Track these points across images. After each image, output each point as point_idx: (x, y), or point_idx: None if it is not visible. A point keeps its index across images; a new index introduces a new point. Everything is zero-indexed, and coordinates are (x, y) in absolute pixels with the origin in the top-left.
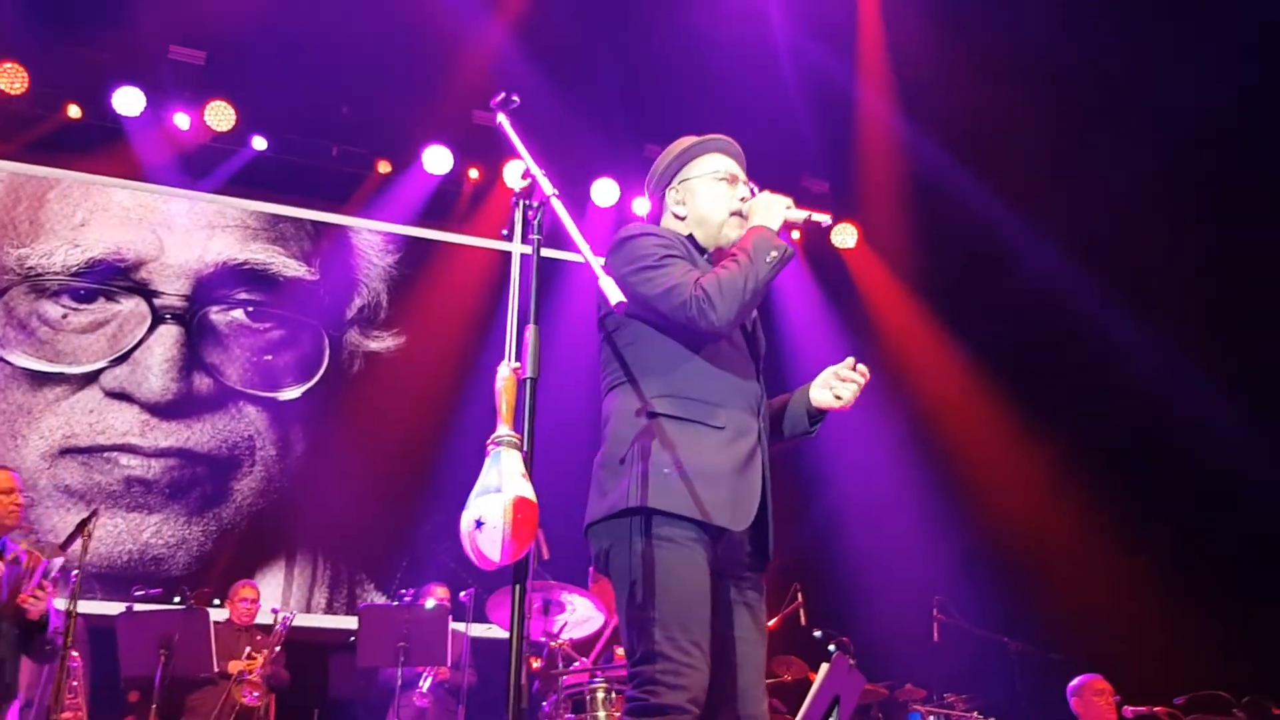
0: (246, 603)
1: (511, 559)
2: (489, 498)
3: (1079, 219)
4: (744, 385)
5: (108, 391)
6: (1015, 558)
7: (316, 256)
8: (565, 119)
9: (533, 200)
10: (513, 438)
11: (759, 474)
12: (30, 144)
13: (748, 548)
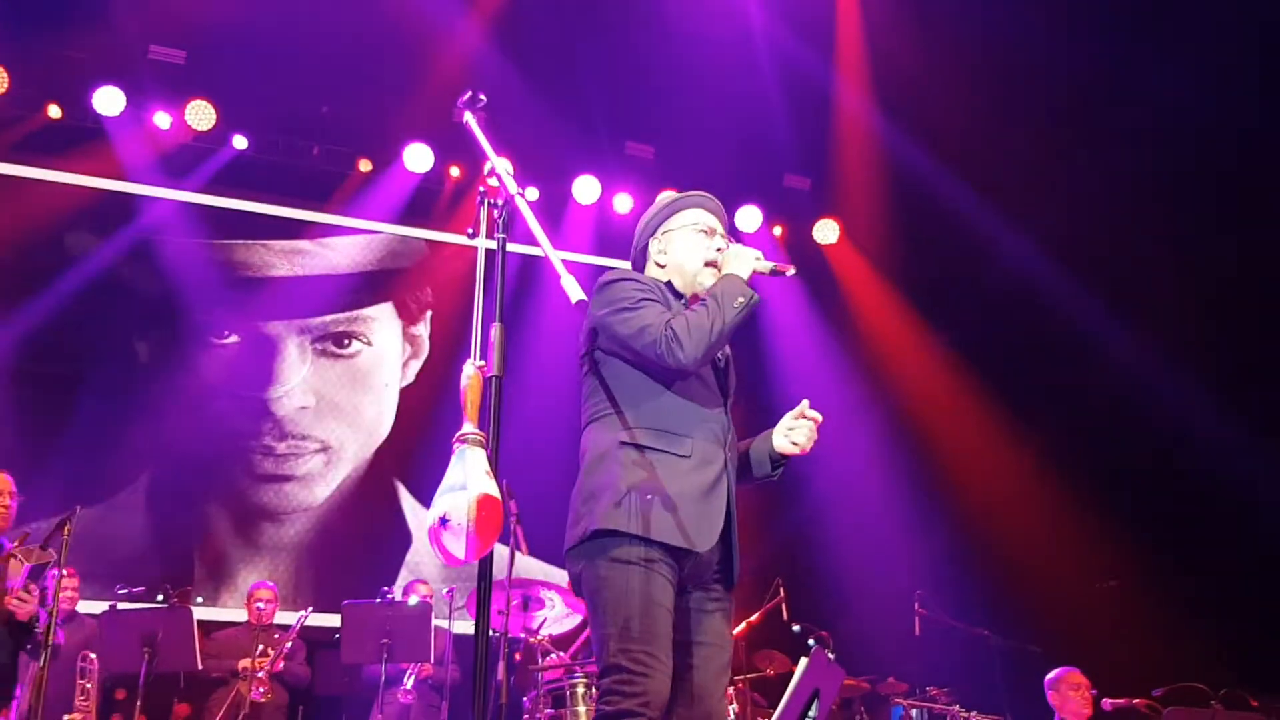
0: (262, 603)
1: (476, 556)
2: (453, 495)
3: (1056, 214)
4: (711, 416)
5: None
6: (995, 552)
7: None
8: (545, 117)
9: (497, 199)
10: (477, 435)
11: (723, 499)
12: (12, 144)
13: (715, 565)
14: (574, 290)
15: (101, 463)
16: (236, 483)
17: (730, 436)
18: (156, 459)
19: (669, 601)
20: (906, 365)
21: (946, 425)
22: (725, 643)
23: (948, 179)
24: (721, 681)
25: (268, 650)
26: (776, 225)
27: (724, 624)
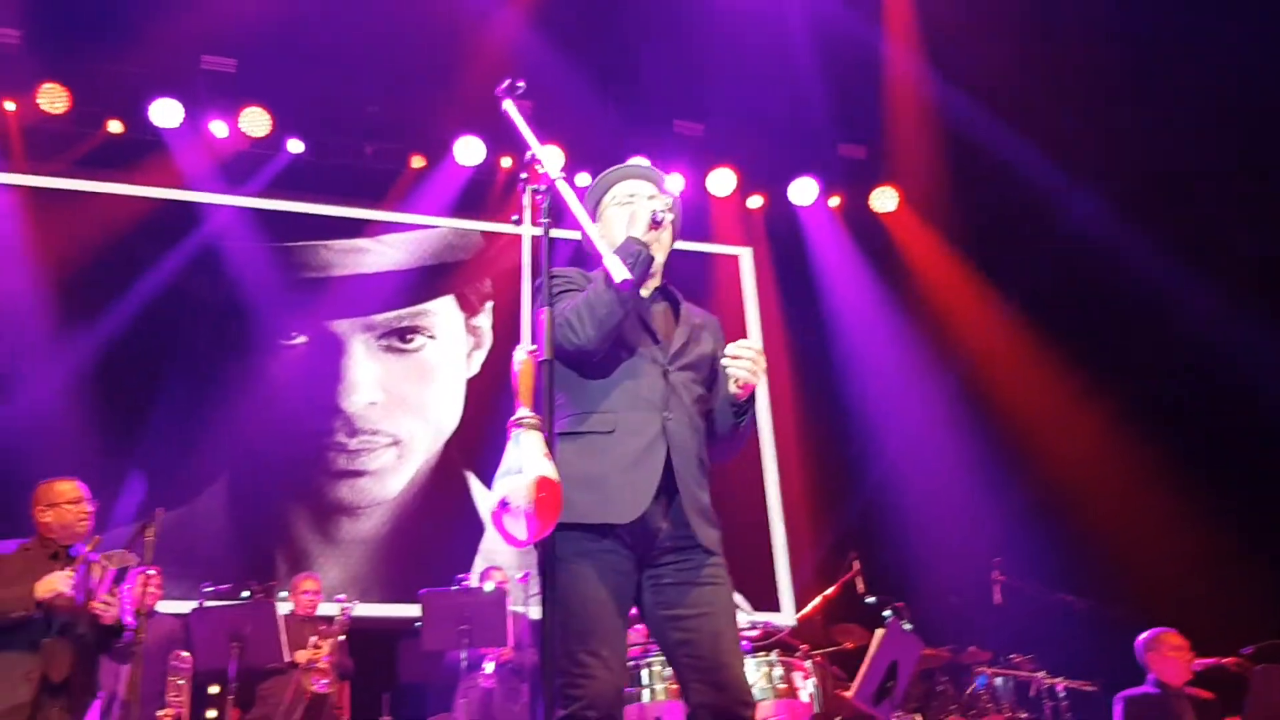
0: (309, 594)
1: (537, 537)
2: (512, 478)
3: (1123, 168)
4: (643, 384)
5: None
6: (1073, 514)
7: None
8: (592, 101)
9: (540, 185)
10: (533, 419)
11: (656, 465)
12: (77, 160)
13: (673, 532)
14: (618, 270)
15: (182, 467)
16: (313, 480)
17: (675, 398)
18: (235, 460)
19: (608, 590)
20: (974, 329)
21: (1018, 387)
22: (716, 608)
23: (1007, 137)
24: (725, 646)
25: (319, 642)
26: (833, 196)
27: (713, 590)
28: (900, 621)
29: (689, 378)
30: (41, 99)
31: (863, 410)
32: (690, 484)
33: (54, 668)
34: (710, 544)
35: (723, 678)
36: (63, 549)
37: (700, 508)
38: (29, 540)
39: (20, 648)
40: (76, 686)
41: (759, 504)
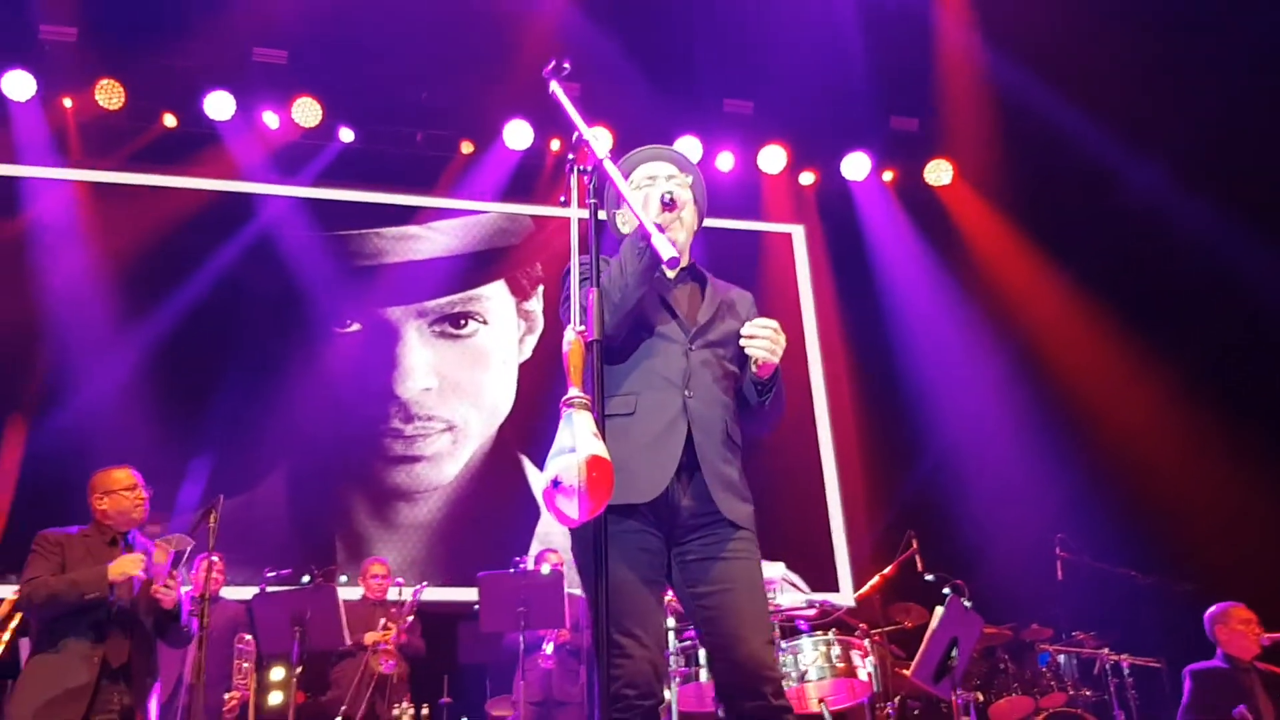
0: (377, 579)
1: (589, 515)
2: (563, 458)
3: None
4: (665, 364)
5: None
6: (1136, 489)
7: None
8: (640, 82)
9: (586, 165)
10: (583, 399)
11: (676, 443)
12: (133, 155)
13: (695, 509)
14: (665, 248)
15: (243, 454)
16: (370, 466)
17: (698, 377)
18: (293, 447)
19: (637, 569)
20: (1032, 303)
21: (1077, 361)
22: (742, 584)
23: (1062, 105)
24: (749, 621)
25: (388, 624)
26: (886, 171)
27: (737, 564)
28: (960, 599)
29: (715, 355)
30: (98, 95)
31: (919, 387)
32: (714, 460)
33: (114, 651)
34: (737, 518)
35: (741, 653)
36: (120, 535)
37: (726, 482)
38: (86, 527)
39: (81, 632)
40: (136, 670)
41: (816, 484)
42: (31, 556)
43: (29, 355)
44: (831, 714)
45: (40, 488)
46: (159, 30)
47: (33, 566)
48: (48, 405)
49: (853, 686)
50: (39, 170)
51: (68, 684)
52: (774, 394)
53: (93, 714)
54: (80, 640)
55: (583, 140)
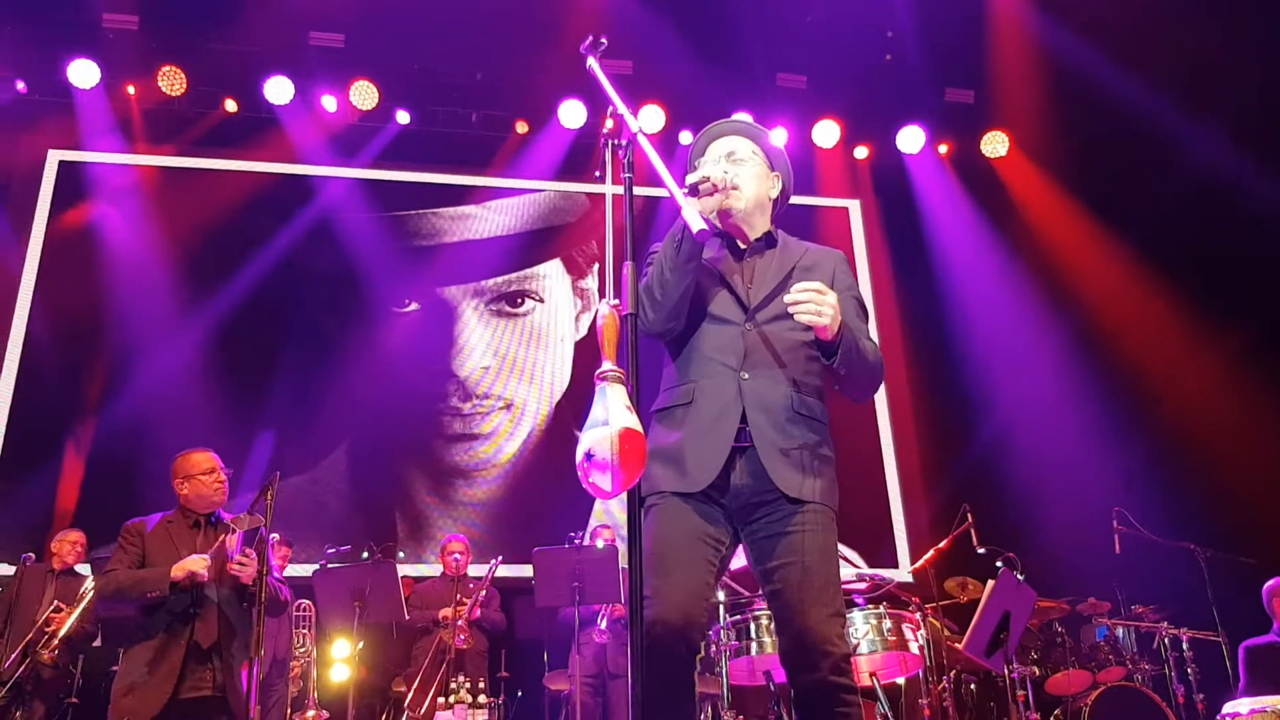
0: (455, 556)
1: (622, 488)
2: (596, 430)
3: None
4: (720, 347)
5: None
6: (1196, 462)
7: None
8: (693, 60)
9: (620, 140)
10: (617, 372)
11: (729, 429)
12: (196, 140)
13: (754, 487)
14: (695, 220)
15: (304, 433)
16: (429, 444)
17: (757, 355)
18: (354, 426)
19: (678, 522)
20: (1090, 275)
21: (1137, 333)
22: (800, 557)
23: (1120, 73)
24: (810, 595)
25: (464, 600)
26: (942, 144)
27: (801, 537)
28: (1012, 572)
29: (778, 328)
30: (161, 81)
31: (976, 360)
32: (773, 437)
33: (203, 632)
34: (801, 493)
35: (800, 625)
36: (203, 517)
37: (788, 459)
38: (171, 512)
39: (171, 614)
40: (226, 649)
41: (874, 458)
42: (115, 548)
43: (97, 338)
44: (883, 687)
45: (110, 467)
46: (218, 16)
47: (113, 558)
48: (116, 387)
49: (904, 660)
50: (104, 156)
51: (158, 665)
52: (842, 355)
53: (181, 693)
54: (170, 623)
55: (618, 115)
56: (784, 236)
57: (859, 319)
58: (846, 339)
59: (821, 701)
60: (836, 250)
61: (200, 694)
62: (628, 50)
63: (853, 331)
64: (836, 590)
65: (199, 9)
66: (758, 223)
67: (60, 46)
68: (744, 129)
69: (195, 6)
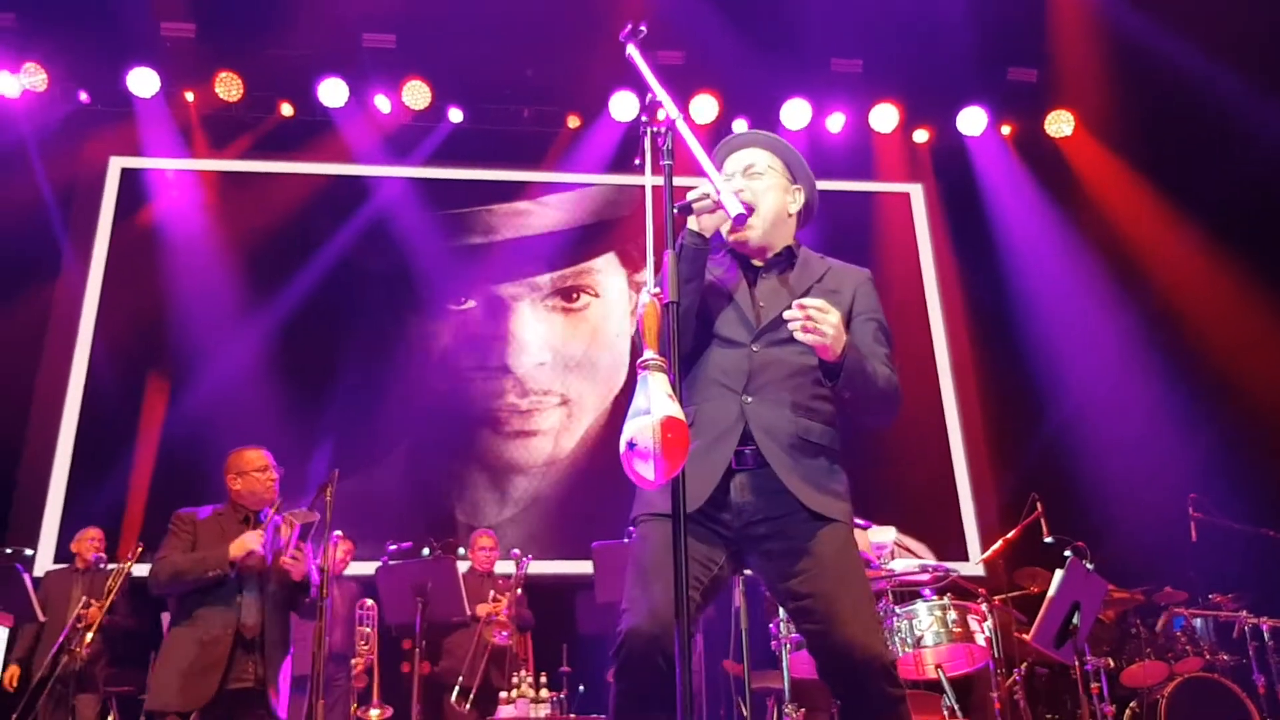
0: (485, 550)
1: (666, 478)
2: (638, 419)
3: None
4: (725, 370)
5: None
6: (1274, 443)
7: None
8: (745, 47)
9: (660, 128)
10: (659, 361)
11: (726, 452)
12: (254, 144)
13: (761, 504)
14: (733, 205)
15: (364, 432)
16: (487, 440)
17: (762, 377)
18: (413, 423)
19: (666, 540)
20: (1161, 256)
21: (1209, 315)
22: (837, 570)
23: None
24: (848, 607)
25: (498, 596)
26: (1004, 124)
27: (825, 553)
28: (1081, 561)
29: (788, 351)
30: (218, 88)
31: (1044, 345)
32: (780, 456)
33: (247, 623)
34: (822, 509)
35: (843, 638)
36: (252, 513)
37: (803, 476)
38: (222, 506)
39: (217, 605)
40: (269, 641)
41: (942, 448)
42: (167, 535)
43: (161, 342)
44: (950, 679)
45: (176, 469)
46: (272, 22)
47: (165, 545)
48: (181, 390)
49: (970, 652)
50: (165, 162)
51: (204, 655)
52: (844, 378)
53: (228, 684)
54: (215, 613)
55: (656, 102)
56: (805, 253)
57: (877, 343)
58: (850, 361)
59: (878, 714)
60: (862, 269)
61: (242, 685)
62: (678, 40)
63: (860, 354)
64: (872, 600)
65: (253, 16)
66: (776, 240)
67: (120, 57)
68: (763, 140)
69: (249, 13)
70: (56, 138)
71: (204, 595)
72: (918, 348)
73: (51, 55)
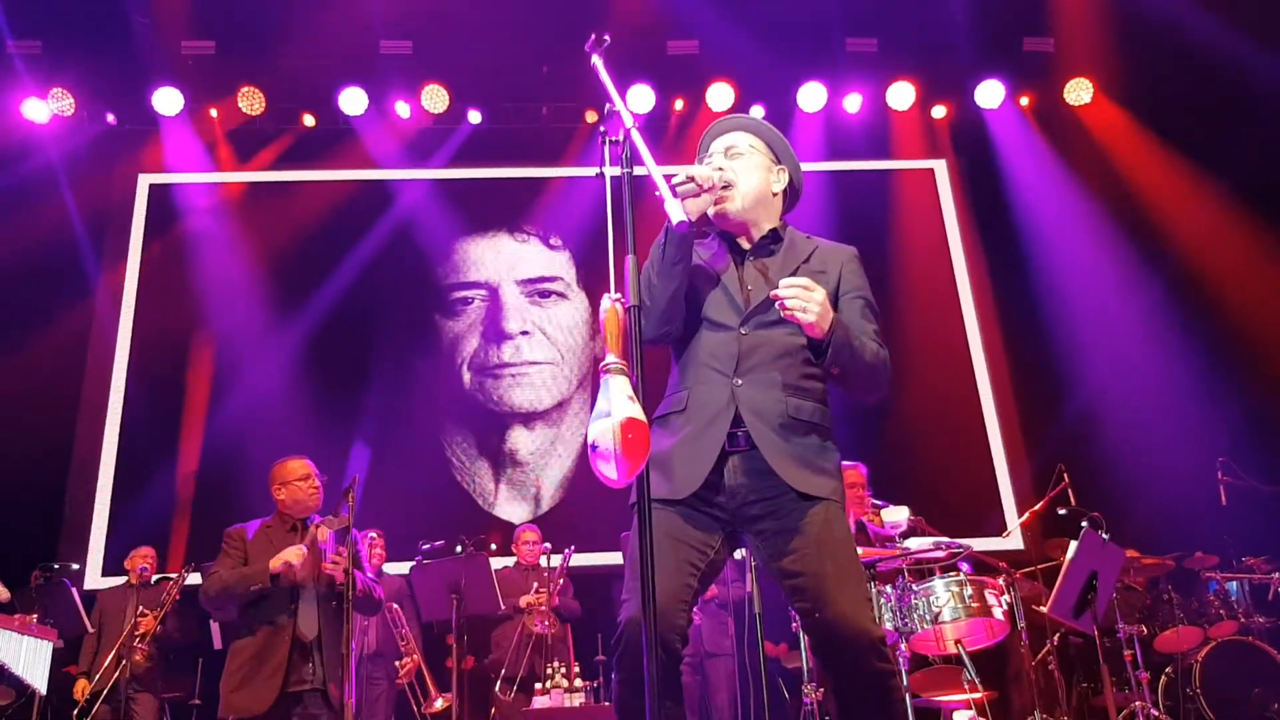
0: (529, 544)
1: (629, 477)
2: (600, 422)
3: None
4: (714, 354)
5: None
6: None
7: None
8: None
9: (617, 135)
10: (619, 364)
11: (719, 435)
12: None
13: (754, 485)
14: (675, 212)
15: (398, 434)
16: (519, 436)
17: (752, 360)
18: (445, 423)
19: (662, 528)
20: (1185, 222)
21: (1236, 281)
22: (817, 549)
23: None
24: (836, 584)
25: (540, 588)
26: (1022, 96)
27: (815, 532)
28: (1097, 531)
29: (774, 333)
30: (241, 102)
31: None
32: (771, 438)
33: (304, 628)
34: (811, 490)
35: (833, 614)
36: (299, 522)
37: (796, 457)
38: (270, 518)
39: (273, 613)
40: (327, 644)
41: (977, 425)
42: (220, 554)
43: (196, 355)
44: (970, 654)
45: (216, 479)
46: (289, 35)
47: (217, 563)
48: (218, 401)
49: (990, 626)
50: (192, 176)
51: (264, 661)
52: (831, 354)
53: (289, 688)
54: (272, 620)
55: (614, 110)
56: (792, 234)
57: (864, 319)
58: (837, 338)
59: (867, 690)
60: (848, 247)
61: (304, 687)
62: (692, 30)
63: (847, 331)
64: (862, 578)
65: (271, 30)
66: (762, 219)
67: (144, 77)
68: (746, 123)
69: (267, 28)
70: (86, 160)
71: (260, 606)
72: (948, 324)
73: (78, 80)
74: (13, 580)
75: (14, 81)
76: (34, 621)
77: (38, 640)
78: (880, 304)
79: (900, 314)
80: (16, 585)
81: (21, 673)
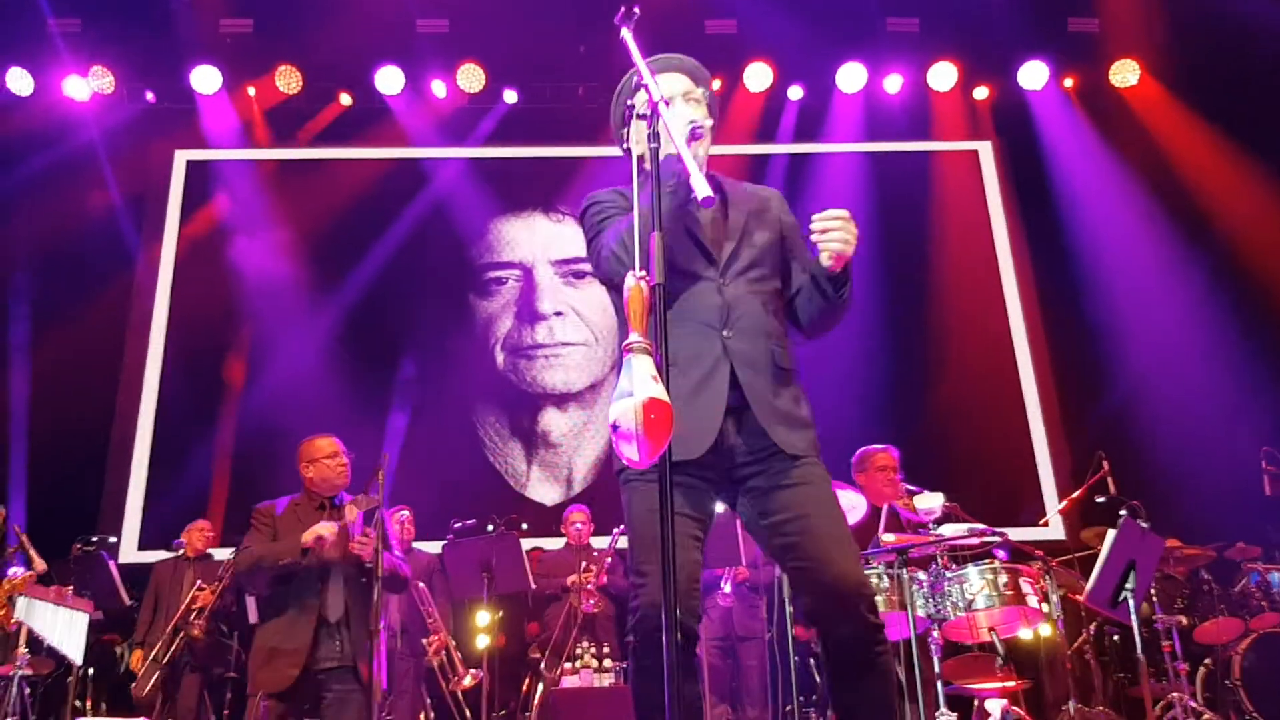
0: (578, 525)
1: (651, 457)
2: (621, 402)
3: None
4: (701, 307)
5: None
6: None
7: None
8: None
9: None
10: (643, 343)
11: (720, 390)
12: (316, 134)
13: (748, 445)
14: (702, 188)
15: (429, 413)
16: (551, 417)
17: (736, 311)
18: (479, 403)
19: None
20: (1232, 207)
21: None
22: (812, 508)
23: None
24: (832, 543)
25: (590, 567)
26: (1067, 77)
27: (806, 490)
28: (1135, 520)
29: (752, 280)
30: (278, 81)
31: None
32: (764, 395)
33: (331, 606)
34: (796, 448)
35: (832, 574)
36: (327, 500)
37: (780, 415)
38: (298, 495)
39: (302, 591)
40: (353, 622)
41: (1019, 412)
42: (249, 529)
43: (232, 332)
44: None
45: (252, 456)
46: (327, 14)
47: (248, 538)
48: (254, 378)
49: (1024, 614)
50: (229, 153)
51: (289, 639)
52: (850, 286)
53: (313, 665)
54: (299, 598)
55: (641, 84)
56: (720, 178)
57: (809, 253)
58: (851, 269)
59: (861, 647)
60: (772, 188)
61: (331, 665)
62: (731, 9)
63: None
64: (851, 540)
65: (308, 9)
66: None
67: (182, 55)
68: (689, 67)
69: (304, 6)
70: (125, 137)
71: (288, 584)
72: (988, 308)
73: (117, 58)
74: (52, 551)
75: (55, 59)
76: (70, 593)
77: (72, 611)
78: (920, 286)
79: (940, 296)
80: (56, 556)
81: (58, 643)
